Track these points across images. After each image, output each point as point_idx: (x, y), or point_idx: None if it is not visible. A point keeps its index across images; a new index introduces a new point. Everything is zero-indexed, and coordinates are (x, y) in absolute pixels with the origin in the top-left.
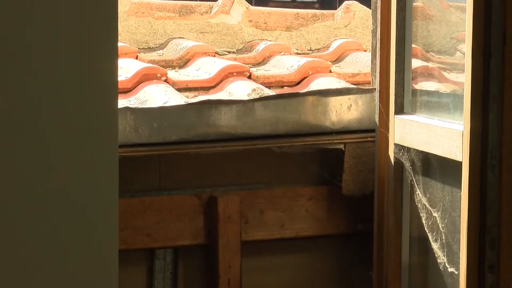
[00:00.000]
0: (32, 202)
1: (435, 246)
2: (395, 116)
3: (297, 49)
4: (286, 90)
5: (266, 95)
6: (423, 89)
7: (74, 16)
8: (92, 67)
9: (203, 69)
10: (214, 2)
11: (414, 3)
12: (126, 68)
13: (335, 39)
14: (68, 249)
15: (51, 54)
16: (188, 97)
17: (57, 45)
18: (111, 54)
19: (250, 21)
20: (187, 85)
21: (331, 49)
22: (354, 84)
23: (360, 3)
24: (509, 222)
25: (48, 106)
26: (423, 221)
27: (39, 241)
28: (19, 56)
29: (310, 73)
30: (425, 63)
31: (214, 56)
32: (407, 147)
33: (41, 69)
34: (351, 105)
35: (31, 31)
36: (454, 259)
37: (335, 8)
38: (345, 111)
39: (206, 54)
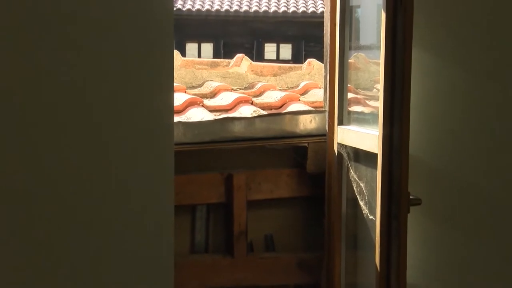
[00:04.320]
0: (123, 179)
1: (361, 203)
2: (338, 126)
3: (280, 87)
4: (273, 111)
5: (261, 114)
6: (354, 110)
7: (149, 70)
8: (159, 98)
9: (225, 99)
10: (231, 60)
11: (349, 60)
12: (179, 98)
13: (302, 81)
14: (147, 204)
15: (139, 93)
16: (215, 115)
17: (142, 87)
18: (170, 90)
19: (252, 70)
20: (215, 108)
21: (300, 87)
22: (313, 107)
23: (317, 60)
24: (405, 190)
25: (132, 123)
26: (355, 188)
27: (128, 203)
28: (120, 91)
29: (288, 101)
30: (355, 95)
31: (231, 91)
32: (345, 145)
33: (132, 101)
34: (312, 120)
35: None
36: (373, 211)
37: (302, 63)
38: (308, 124)
39: (226, 90)
